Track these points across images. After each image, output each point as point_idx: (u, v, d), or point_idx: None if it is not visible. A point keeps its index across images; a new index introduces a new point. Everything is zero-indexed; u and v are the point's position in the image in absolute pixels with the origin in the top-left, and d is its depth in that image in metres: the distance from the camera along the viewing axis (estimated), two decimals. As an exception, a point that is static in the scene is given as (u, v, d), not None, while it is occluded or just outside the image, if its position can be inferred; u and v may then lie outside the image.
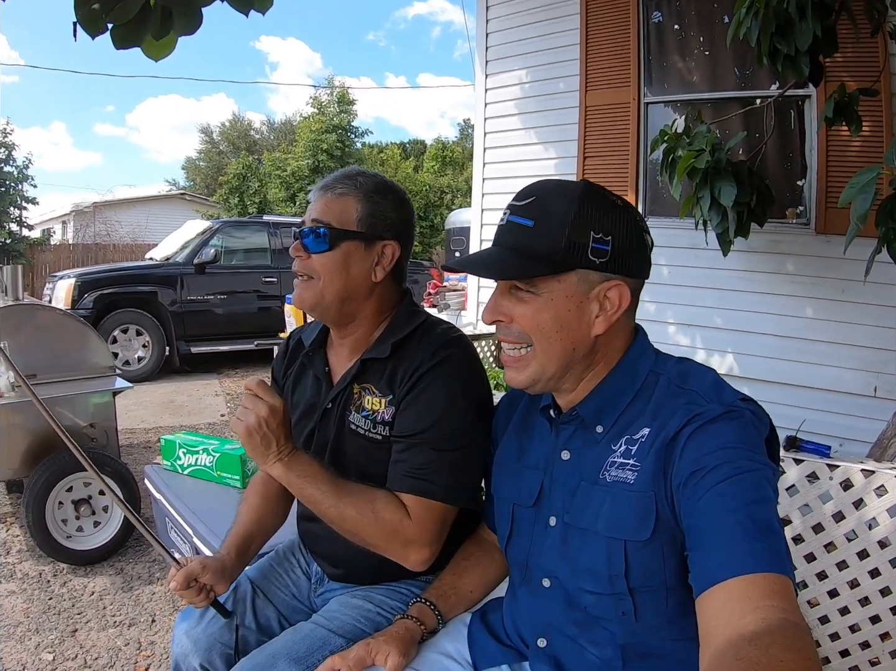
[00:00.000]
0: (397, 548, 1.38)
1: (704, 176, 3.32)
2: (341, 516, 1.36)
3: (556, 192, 1.14)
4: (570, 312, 1.12)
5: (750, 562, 0.87)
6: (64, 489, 3.42)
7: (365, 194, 1.49)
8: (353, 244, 1.47)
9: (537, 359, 1.15)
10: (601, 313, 1.13)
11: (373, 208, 1.48)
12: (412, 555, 1.38)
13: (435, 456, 1.38)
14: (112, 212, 22.90)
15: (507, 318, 1.16)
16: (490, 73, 5.71)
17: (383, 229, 1.49)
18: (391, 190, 1.54)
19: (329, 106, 24.00)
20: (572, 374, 1.17)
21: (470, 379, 1.45)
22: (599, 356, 1.17)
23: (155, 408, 7.07)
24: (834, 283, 4.02)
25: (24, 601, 3.16)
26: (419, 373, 1.42)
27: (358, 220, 1.47)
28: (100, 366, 3.83)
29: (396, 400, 1.45)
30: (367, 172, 1.54)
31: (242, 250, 9.68)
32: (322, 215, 1.47)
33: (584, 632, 1.16)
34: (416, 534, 1.37)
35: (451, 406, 1.40)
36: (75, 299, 8.03)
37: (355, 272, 1.47)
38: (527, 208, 1.14)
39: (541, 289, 1.12)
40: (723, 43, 4.26)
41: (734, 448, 0.98)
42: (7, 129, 17.98)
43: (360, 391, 1.51)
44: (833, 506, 2.11)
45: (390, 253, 1.50)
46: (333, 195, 1.49)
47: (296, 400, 1.67)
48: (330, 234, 1.45)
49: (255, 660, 1.37)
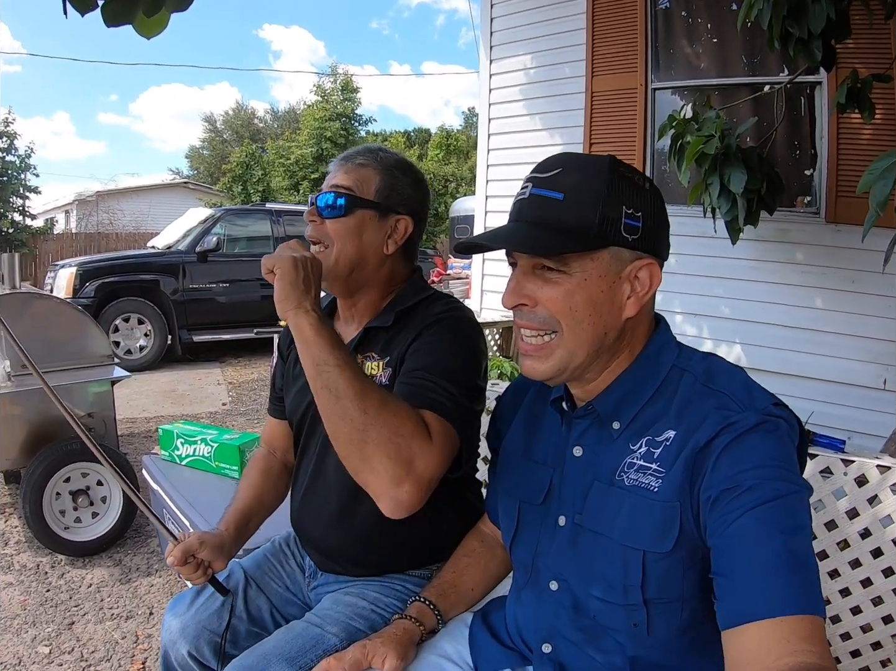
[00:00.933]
0: (400, 465, 1.11)
1: (714, 162, 3.25)
2: (361, 395, 1.12)
3: (584, 164, 1.07)
4: (604, 293, 1.04)
5: (790, 602, 0.84)
6: (62, 479, 3.39)
7: (385, 167, 1.50)
8: (368, 213, 1.47)
9: (565, 346, 1.05)
10: (633, 294, 1.05)
11: (391, 182, 1.50)
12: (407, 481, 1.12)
13: (438, 380, 1.29)
14: (115, 201, 22.94)
15: (531, 301, 1.06)
16: (494, 59, 5.63)
17: (399, 203, 1.50)
18: (410, 168, 1.56)
19: (333, 94, 23.97)
20: (598, 363, 1.09)
21: (469, 335, 1.43)
22: (625, 343, 1.10)
23: (156, 398, 7.04)
24: (844, 273, 3.96)
25: (21, 593, 3.13)
26: (419, 329, 1.40)
27: (376, 190, 1.48)
28: (98, 355, 3.79)
29: (394, 360, 1.42)
30: (388, 149, 1.56)
31: (245, 238, 9.64)
32: (342, 181, 1.48)
33: (592, 640, 1.10)
34: (423, 453, 1.14)
35: (449, 349, 1.37)
36: (76, 288, 8.02)
37: (367, 241, 1.47)
38: (554, 180, 1.05)
39: (573, 268, 1.03)
40: (731, 28, 4.20)
41: (771, 467, 0.93)
42: (9, 119, 18.00)
43: (362, 360, 1.48)
44: (847, 502, 2.06)
45: (403, 228, 1.51)
46: (354, 165, 1.50)
47: (298, 371, 1.64)
48: (346, 200, 1.45)
49: (246, 661, 1.33)
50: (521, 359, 1.12)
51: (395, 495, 1.12)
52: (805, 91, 4.18)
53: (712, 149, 3.20)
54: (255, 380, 8.00)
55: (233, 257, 9.29)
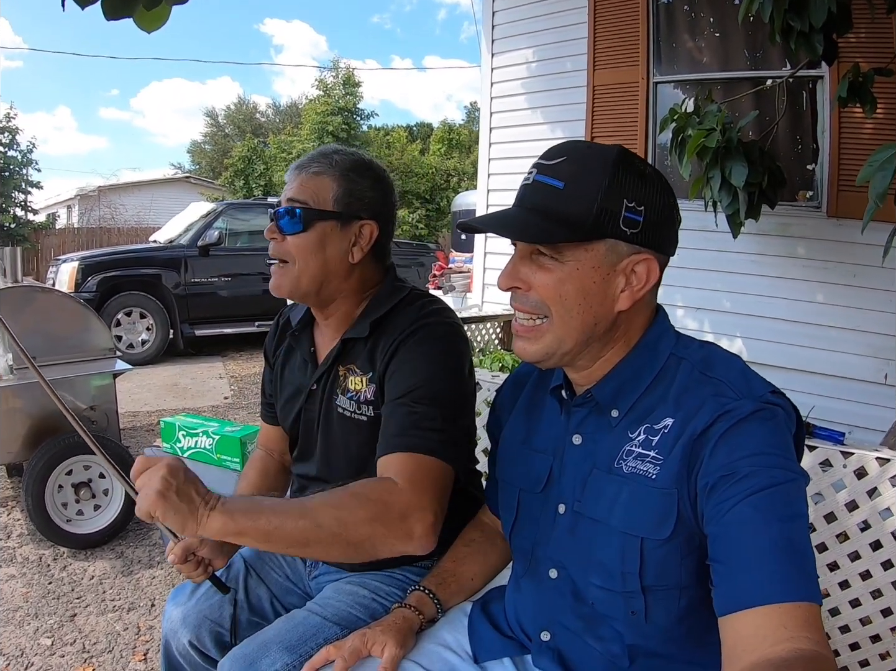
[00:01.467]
0: (397, 526, 1.17)
1: (715, 155, 3.25)
2: (316, 524, 1.13)
3: (589, 153, 1.06)
4: (596, 285, 1.04)
5: (787, 589, 0.84)
6: (64, 472, 3.39)
7: (341, 173, 1.45)
8: (329, 224, 1.43)
9: (554, 331, 1.06)
10: (627, 288, 1.05)
11: (349, 187, 1.44)
12: (416, 526, 1.18)
13: (422, 412, 1.30)
14: (117, 195, 22.88)
15: (525, 285, 1.08)
16: (496, 53, 5.62)
17: (360, 209, 1.45)
18: (369, 168, 1.50)
19: (335, 88, 23.90)
20: (589, 351, 1.09)
21: (447, 345, 1.40)
22: (619, 334, 1.10)
23: (158, 391, 7.05)
24: (845, 267, 3.96)
25: (23, 585, 3.14)
26: (396, 344, 1.38)
27: (334, 199, 1.43)
28: (100, 348, 3.79)
29: (377, 376, 1.41)
30: (344, 150, 1.50)
31: (247, 232, 9.61)
32: (297, 195, 1.44)
33: (590, 628, 1.11)
34: (412, 498, 1.19)
35: (428, 368, 1.35)
36: (79, 282, 8.01)
37: (331, 253, 1.44)
38: (557, 168, 1.05)
39: (566, 256, 1.04)
40: (733, 22, 4.19)
41: (769, 454, 0.93)
42: (11, 114, 17.98)
43: (345, 373, 1.47)
44: (846, 494, 2.06)
45: (368, 233, 1.46)
46: (308, 174, 1.45)
47: (285, 380, 1.64)
48: (304, 214, 1.41)
49: (246, 650, 1.34)
50: (514, 340, 1.14)
51: (412, 541, 1.19)
52: (806, 85, 4.17)
53: (713, 142, 3.20)
54: (257, 373, 7.96)
55: (234, 251, 9.28)
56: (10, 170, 17.77)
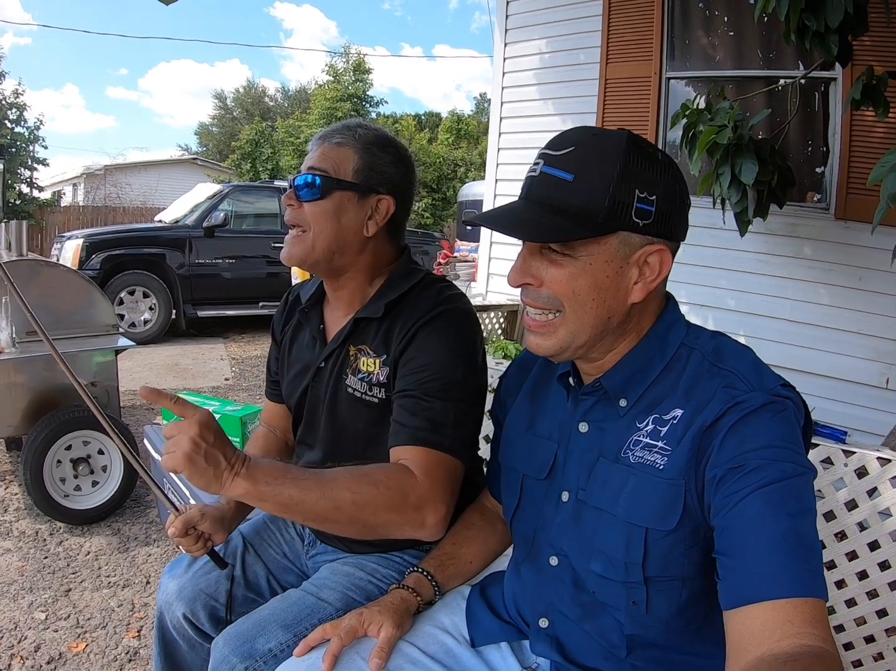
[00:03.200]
0: (411, 515, 1.23)
1: (726, 152, 3.23)
2: (335, 505, 1.17)
3: (598, 142, 1.03)
4: (609, 279, 1.02)
5: (794, 584, 0.83)
6: (63, 447, 3.40)
7: (363, 146, 1.45)
8: (346, 195, 1.43)
9: (567, 326, 1.05)
10: (640, 280, 1.04)
11: (370, 160, 1.44)
12: (429, 516, 1.24)
13: (438, 406, 1.32)
14: (123, 175, 22.83)
15: (536, 280, 1.05)
16: (509, 43, 5.58)
17: (379, 183, 1.45)
18: (391, 144, 1.50)
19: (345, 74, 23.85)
20: (603, 344, 1.08)
21: (466, 334, 1.40)
22: (632, 325, 1.08)
23: (159, 371, 7.05)
24: (851, 270, 3.94)
25: (19, 559, 3.15)
26: (415, 329, 1.38)
27: (354, 170, 1.43)
28: (103, 324, 3.79)
29: (391, 359, 1.40)
30: (368, 125, 1.50)
31: (252, 215, 9.62)
32: (317, 163, 1.44)
33: (589, 617, 1.10)
34: (428, 491, 1.24)
35: (447, 358, 1.35)
36: (83, 260, 7.99)
37: (346, 223, 1.43)
38: (565, 159, 1.02)
39: (578, 251, 1.01)
40: (748, 20, 4.16)
41: (779, 447, 0.92)
42: (19, 90, 17.92)
43: (356, 353, 1.46)
44: (846, 493, 2.05)
45: (384, 208, 1.46)
46: (331, 144, 1.45)
47: (292, 357, 1.64)
48: (323, 182, 1.42)
49: (240, 628, 1.34)
50: (526, 335, 1.12)
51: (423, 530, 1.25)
52: (819, 87, 4.15)
53: (724, 139, 3.18)
54: (259, 356, 8.00)
55: (239, 233, 9.28)
56: (17, 146, 17.72)
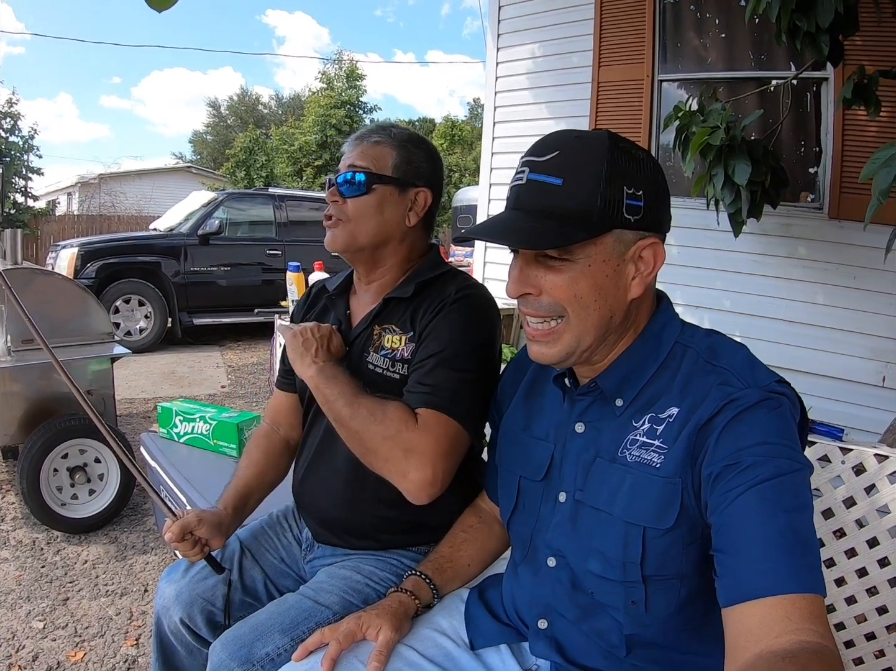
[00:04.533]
0: (399, 457, 1.30)
1: (719, 153, 3.24)
2: (351, 414, 1.34)
3: (581, 144, 1.03)
4: (609, 278, 1.03)
5: (792, 580, 0.83)
6: (59, 456, 3.39)
7: (399, 143, 1.54)
8: (388, 189, 1.51)
9: (572, 330, 1.04)
10: (637, 275, 1.04)
11: (407, 156, 1.53)
12: (413, 470, 1.29)
13: (443, 373, 1.38)
14: (118, 183, 22.84)
15: (535, 289, 1.05)
16: (502, 47, 5.60)
17: (416, 176, 1.54)
18: (423, 141, 1.60)
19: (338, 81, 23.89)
20: (605, 345, 1.08)
21: (483, 316, 1.47)
22: (631, 322, 1.09)
23: (155, 379, 7.03)
24: (846, 269, 3.95)
25: (16, 568, 3.14)
26: (441, 306, 1.45)
27: (393, 166, 1.52)
28: (98, 332, 3.78)
29: (417, 335, 1.45)
30: (399, 126, 1.60)
31: (247, 222, 9.61)
32: (358, 161, 1.51)
33: (588, 617, 1.10)
34: (418, 442, 1.30)
35: (457, 333, 1.42)
36: (78, 269, 7.96)
37: (389, 216, 1.52)
38: (551, 164, 1.02)
39: (576, 255, 1.01)
40: (739, 22, 4.18)
41: (774, 444, 0.92)
42: (13, 100, 17.91)
43: (380, 331, 1.52)
44: (844, 490, 2.05)
45: (423, 200, 1.55)
46: (369, 143, 1.53)
47: None
48: (366, 178, 1.50)
49: (238, 632, 1.34)
50: (529, 345, 1.11)
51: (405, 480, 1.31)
52: (811, 87, 4.16)
53: (717, 140, 3.19)
54: (255, 363, 7.98)
55: (234, 241, 9.26)
56: (12, 155, 17.71)
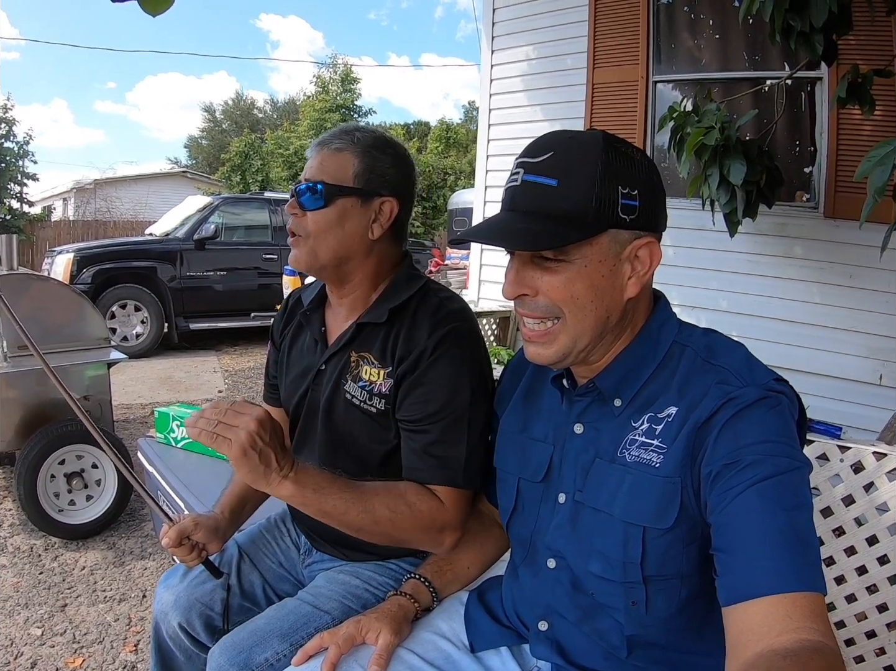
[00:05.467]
0: (435, 536, 1.33)
1: (714, 153, 3.25)
2: (374, 520, 1.26)
3: (575, 144, 1.03)
4: (605, 278, 1.02)
5: (792, 579, 0.83)
6: (56, 462, 3.38)
7: (363, 149, 1.43)
8: (349, 200, 1.41)
9: (568, 331, 1.04)
10: (633, 274, 1.04)
11: (370, 163, 1.43)
12: (448, 539, 1.34)
13: (448, 440, 1.34)
14: (113, 189, 22.80)
15: (532, 290, 1.04)
16: (496, 49, 5.61)
17: (381, 185, 1.44)
18: (390, 145, 1.48)
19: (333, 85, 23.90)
20: (602, 345, 1.08)
21: (473, 356, 1.39)
22: (627, 322, 1.08)
23: (152, 384, 7.02)
24: (842, 268, 3.96)
25: (14, 575, 3.13)
26: (419, 352, 1.36)
27: (354, 175, 1.42)
28: (94, 337, 3.78)
29: (396, 374, 1.39)
30: (365, 128, 1.49)
31: (243, 227, 9.61)
32: (317, 172, 1.42)
33: (589, 618, 1.10)
34: (452, 519, 1.33)
35: (457, 387, 1.35)
36: (73, 274, 7.96)
37: (351, 229, 1.42)
38: (545, 165, 1.02)
39: (572, 255, 1.01)
40: (733, 23, 4.19)
41: (773, 442, 0.92)
42: (8, 105, 17.90)
43: (357, 360, 1.45)
44: (843, 488, 2.05)
45: (388, 210, 1.45)
46: (330, 150, 1.44)
47: (292, 360, 1.63)
48: (325, 190, 1.40)
49: (236, 637, 1.33)
50: (525, 346, 1.11)
51: (440, 548, 1.36)
52: (806, 87, 4.18)
53: (712, 140, 3.19)
54: (252, 368, 7.97)
55: (230, 245, 9.26)
56: (7, 161, 17.69)
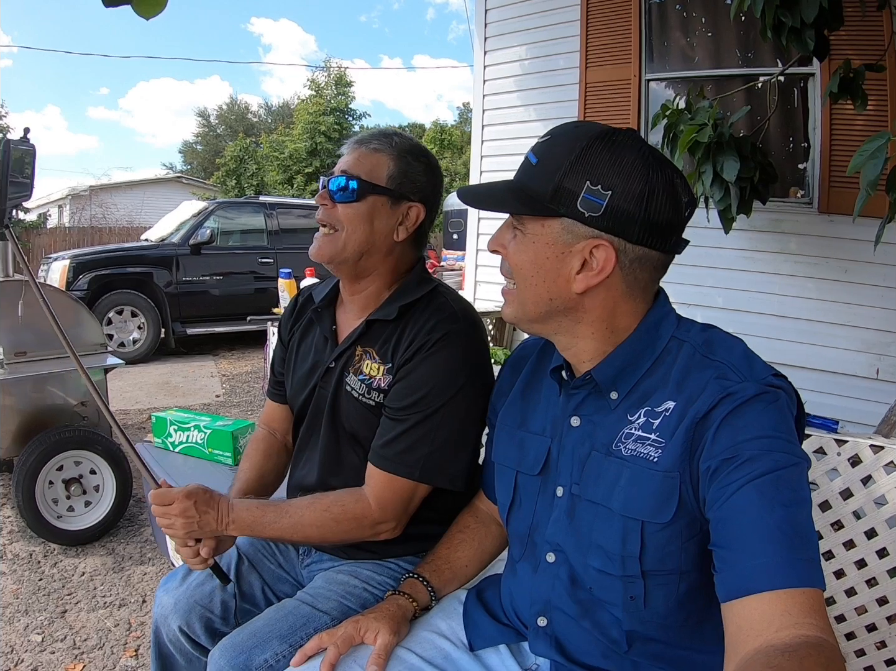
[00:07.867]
0: (368, 534, 1.42)
1: (707, 150, 3.24)
2: (306, 535, 1.41)
3: (571, 132, 1.07)
4: (549, 261, 1.05)
5: (791, 575, 0.83)
6: (54, 468, 3.38)
7: (399, 154, 1.48)
8: (380, 199, 1.46)
9: (517, 297, 1.11)
10: (583, 271, 1.04)
11: (404, 168, 1.48)
12: (382, 534, 1.42)
13: (418, 433, 1.38)
14: (108, 195, 22.82)
15: (503, 250, 1.12)
16: (489, 50, 5.61)
17: (412, 190, 1.49)
18: (424, 154, 1.54)
19: (326, 88, 23.92)
20: (559, 327, 1.11)
21: (469, 355, 1.43)
22: (592, 317, 1.08)
23: (149, 390, 7.02)
24: (837, 263, 3.96)
25: (13, 582, 3.13)
26: (418, 345, 1.40)
27: (388, 176, 1.47)
28: (91, 343, 3.78)
29: (395, 368, 1.43)
30: (403, 134, 1.55)
31: (238, 231, 9.63)
32: (353, 167, 1.47)
33: (588, 614, 1.10)
34: (380, 516, 1.40)
35: (443, 382, 1.38)
36: (70, 281, 7.96)
37: (378, 227, 1.47)
38: (539, 145, 1.09)
39: (527, 229, 1.07)
40: (724, 20, 4.19)
41: (772, 438, 0.92)
42: (1, 113, 17.89)
43: (361, 354, 1.49)
44: (841, 482, 2.04)
45: (415, 215, 1.50)
46: (367, 149, 1.48)
47: (300, 357, 1.65)
48: (359, 185, 1.44)
49: (236, 639, 1.33)
50: None
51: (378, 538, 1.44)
52: (798, 83, 4.18)
53: (705, 137, 3.19)
54: (249, 372, 7.97)
55: (226, 250, 9.27)
56: (0, 169, 17.67)
